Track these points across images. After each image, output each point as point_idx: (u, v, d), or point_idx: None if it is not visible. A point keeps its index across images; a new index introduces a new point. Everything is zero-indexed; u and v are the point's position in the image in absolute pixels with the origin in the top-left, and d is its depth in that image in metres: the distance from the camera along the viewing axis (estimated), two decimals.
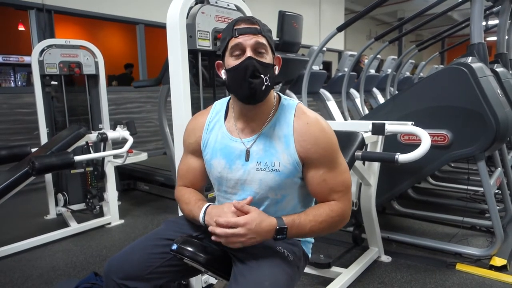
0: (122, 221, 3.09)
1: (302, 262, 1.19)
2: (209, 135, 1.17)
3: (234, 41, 1.04)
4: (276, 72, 1.11)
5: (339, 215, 1.10)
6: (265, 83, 1.04)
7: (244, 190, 1.13)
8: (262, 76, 1.03)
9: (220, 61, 1.12)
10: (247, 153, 1.11)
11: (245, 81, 1.02)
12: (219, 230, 0.99)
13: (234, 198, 1.16)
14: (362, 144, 1.90)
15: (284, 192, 1.12)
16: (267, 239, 1.03)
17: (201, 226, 1.23)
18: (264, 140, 1.11)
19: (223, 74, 1.11)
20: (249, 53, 1.03)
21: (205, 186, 1.29)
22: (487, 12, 3.18)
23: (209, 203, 1.12)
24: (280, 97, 1.17)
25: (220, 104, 1.22)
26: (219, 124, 1.18)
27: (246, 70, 1.02)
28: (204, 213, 1.09)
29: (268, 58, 1.06)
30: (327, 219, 1.08)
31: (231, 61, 1.05)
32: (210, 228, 1.02)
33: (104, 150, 2.89)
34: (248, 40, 1.03)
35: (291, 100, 1.16)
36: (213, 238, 1.02)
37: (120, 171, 3.86)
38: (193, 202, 1.16)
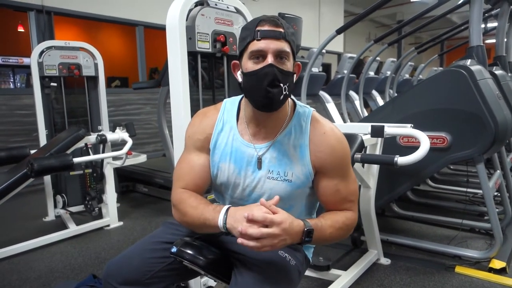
0: (121, 223, 3.08)
1: (304, 266, 1.18)
2: (219, 135, 1.11)
3: (255, 44, 0.97)
4: (295, 79, 1.05)
5: (353, 222, 1.09)
6: (284, 92, 0.98)
7: (251, 197, 1.10)
8: (282, 85, 0.97)
9: (237, 61, 1.05)
10: (259, 160, 1.07)
11: (263, 89, 0.96)
12: (253, 230, 0.87)
13: (240, 203, 1.11)
14: (362, 147, 1.90)
15: (293, 202, 1.10)
16: (294, 242, 0.94)
17: None
18: (278, 149, 1.06)
19: (238, 76, 1.04)
20: (270, 59, 0.96)
21: (207, 188, 1.19)
22: (486, 14, 3.19)
23: (229, 205, 1.00)
24: (294, 103, 1.12)
25: (230, 103, 1.15)
26: (229, 125, 1.11)
27: (265, 78, 0.96)
28: (226, 214, 0.96)
29: (289, 66, 1.00)
30: (343, 226, 1.06)
31: (249, 65, 0.99)
32: (241, 229, 0.88)
33: (103, 152, 2.88)
34: (271, 45, 0.96)
35: (306, 107, 1.12)
36: (239, 241, 0.89)
37: (119, 173, 3.86)
38: (203, 205, 1.03)
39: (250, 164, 1.08)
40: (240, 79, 1.04)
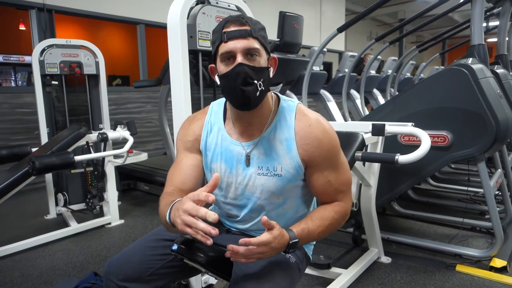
0: (122, 221, 3.09)
1: (304, 264, 1.19)
2: (209, 137, 1.13)
3: (223, 47, 0.98)
4: (271, 74, 1.05)
5: (343, 215, 1.11)
6: (259, 89, 0.99)
7: (244, 195, 1.11)
8: (255, 81, 0.98)
9: (213, 65, 1.06)
10: (247, 158, 1.08)
11: (237, 89, 0.97)
12: (244, 250, 0.90)
13: (234, 203, 1.14)
14: (362, 145, 1.90)
15: (286, 195, 1.11)
16: (279, 252, 0.98)
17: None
18: (265, 144, 1.07)
19: (217, 79, 1.05)
20: (239, 59, 0.97)
21: (197, 188, 1.14)
22: (487, 13, 3.18)
23: (178, 200, 0.93)
24: (278, 98, 1.12)
25: (217, 105, 1.17)
26: (217, 126, 1.13)
27: (237, 78, 0.96)
28: (170, 209, 0.92)
29: (261, 61, 1.00)
30: (333, 221, 1.08)
31: (222, 67, 1.00)
32: (232, 247, 0.90)
33: (104, 150, 2.89)
34: (238, 45, 0.97)
35: (290, 101, 1.12)
36: (228, 254, 0.92)
37: (120, 171, 3.86)
38: (170, 202, 0.95)
39: (240, 162, 1.09)
40: (218, 82, 1.05)
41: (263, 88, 1.01)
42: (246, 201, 1.11)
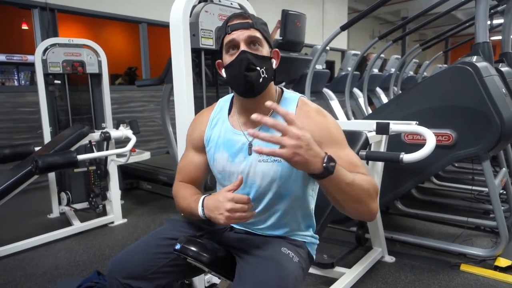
0: (125, 220, 3.09)
1: (307, 263, 1.18)
2: (213, 130, 1.18)
3: (227, 38, 1.05)
4: (274, 65, 1.10)
5: (370, 183, 0.98)
6: (262, 76, 1.04)
7: (246, 183, 1.11)
8: (258, 68, 1.03)
9: (220, 61, 1.12)
10: (250, 146, 1.10)
11: (241, 75, 1.03)
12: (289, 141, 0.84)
13: (238, 191, 1.10)
14: (366, 144, 1.89)
15: (287, 185, 1.10)
16: (317, 162, 0.86)
17: (204, 226, 1.23)
18: (266, 131, 1.05)
19: (223, 73, 1.11)
20: (243, 47, 1.03)
21: (203, 182, 1.29)
22: (492, 11, 3.16)
23: (205, 195, 1.09)
24: (282, 91, 1.18)
25: (224, 101, 1.23)
26: (222, 119, 1.18)
27: (241, 64, 1.02)
28: (203, 206, 1.06)
29: (264, 51, 1.06)
30: (362, 183, 0.96)
31: (227, 58, 1.07)
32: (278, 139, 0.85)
33: (107, 149, 2.89)
34: (241, 35, 1.04)
35: (293, 93, 1.18)
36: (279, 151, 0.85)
37: (123, 170, 3.86)
38: (189, 196, 1.14)
39: (242, 151, 1.12)
40: (225, 74, 1.10)
41: (266, 76, 1.06)
42: (248, 190, 1.13)
